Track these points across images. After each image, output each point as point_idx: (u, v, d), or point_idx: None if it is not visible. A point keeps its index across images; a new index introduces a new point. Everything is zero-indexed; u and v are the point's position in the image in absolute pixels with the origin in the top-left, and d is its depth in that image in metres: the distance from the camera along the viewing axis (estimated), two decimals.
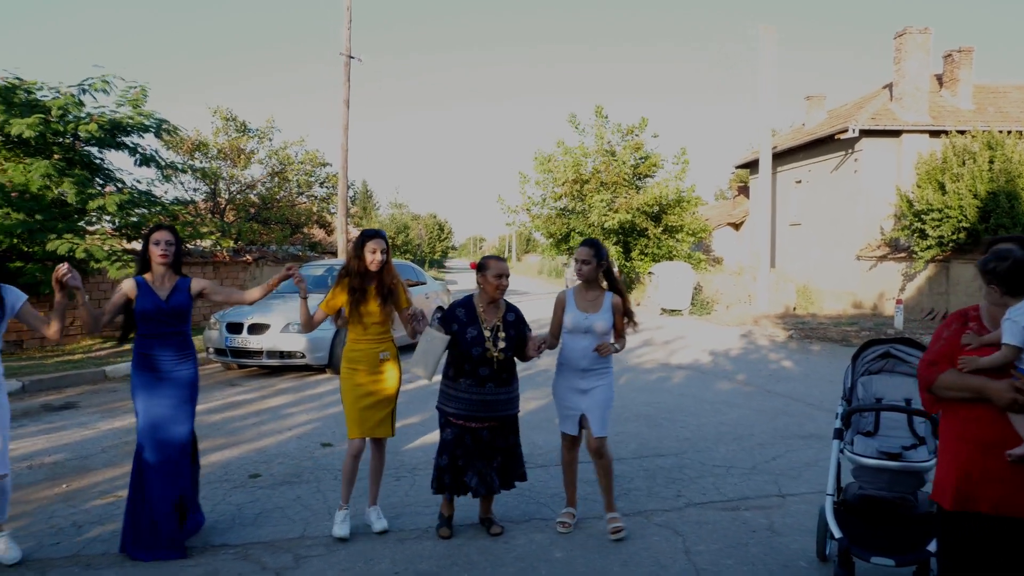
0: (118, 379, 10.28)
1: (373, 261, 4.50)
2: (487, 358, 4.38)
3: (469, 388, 4.40)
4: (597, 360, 4.56)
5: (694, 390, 9.58)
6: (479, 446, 4.46)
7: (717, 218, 36.20)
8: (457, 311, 4.50)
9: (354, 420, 4.56)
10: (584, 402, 4.58)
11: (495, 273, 4.44)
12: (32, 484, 5.58)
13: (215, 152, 20.12)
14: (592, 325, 4.54)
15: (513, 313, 4.58)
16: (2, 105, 10.89)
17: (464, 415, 4.41)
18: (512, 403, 4.55)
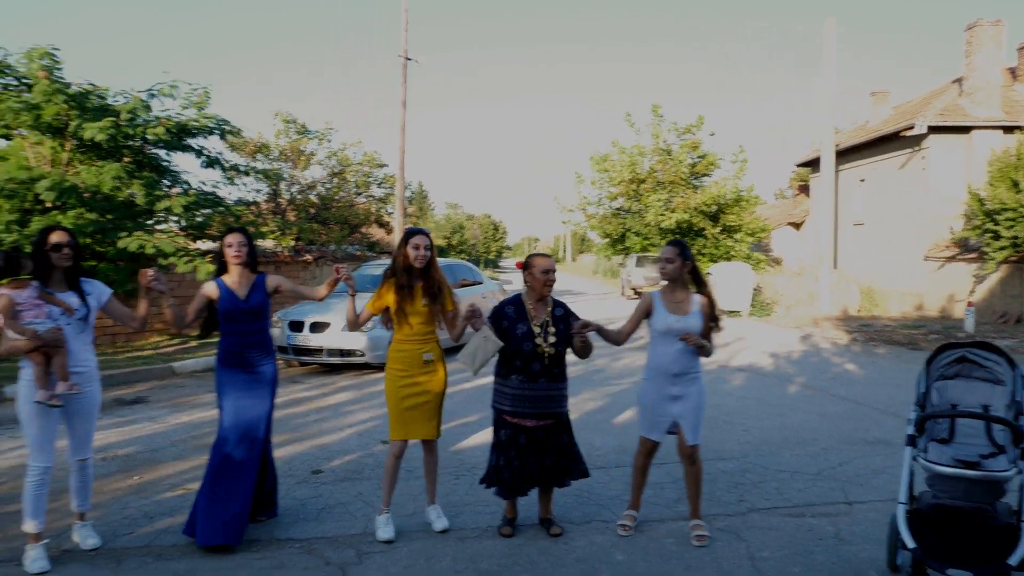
0: (184, 375, 10.58)
1: (417, 257, 4.48)
2: (538, 353, 4.37)
3: (521, 384, 4.38)
4: (689, 365, 4.46)
5: (755, 393, 9.40)
6: (534, 445, 4.43)
7: (777, 218, 35.53)
8: (506, 308, 4.51)
9: (397, 421, 4.56)
10: (677, 408, 4.48)
11: (541, 269, 4.44)
12: (106, 476, 5.77)
13: (276, 154, 20.56)
14: (684, 328, 4.42)
15: (561, 308, 4.55)
16: (76, 110, 11.29)
17: (519, 412, 4.38)
18: (564, 400, 4.53)
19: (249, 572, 4.08)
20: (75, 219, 10.94)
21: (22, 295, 4.01)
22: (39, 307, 4.04)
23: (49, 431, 4.12)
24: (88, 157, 12.29)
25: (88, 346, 4.27)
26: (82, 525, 4.41)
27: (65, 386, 4.06)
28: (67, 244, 4.12)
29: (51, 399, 4.03)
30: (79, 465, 4.35)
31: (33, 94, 11.07)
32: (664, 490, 5.52)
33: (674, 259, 4.47)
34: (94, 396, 4.33)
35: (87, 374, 4.24)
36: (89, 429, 4.36)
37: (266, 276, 4.70)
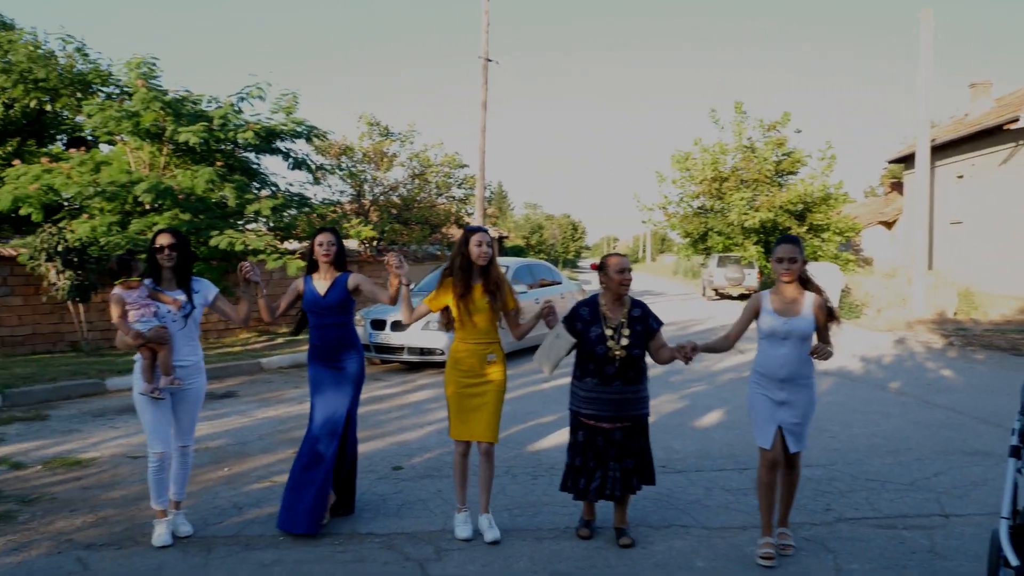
0: (272, 371, 10.93)
1: (480, 255, 4.41)
2: (610, 356, 4.25)
3: (596, 387, 4.30)
4: (799, 370, 4.21)
5: (842, 398, 9.07)
6: (611, 448, 4.34)
7: (867, 216, 34.23)
8: (581, 310, 4.42)
9: (457, 420, 4.56)
10: (782, 414, 4.24)
11: (616, 269, 4.33)
12: (199, 466, 5.99)
13: (360, 156, 21.03)
14: (792, 330, 4.18)
15: (639, 309, 4.41)
16: (172, 116, 11.82)
17: (595, 415, 4.31)
18: (641, 403, 4.40)
19: (331, 564, 4.17)
20: (170, 220, 11.46)
21: (132, 295, 4.27)
22: (147, 306, 4.30)
23: (162, 420, 4.37)
24: (183, 161, 12.86)
25: (193, 342, 4.50)
26: (176, 513, 4.60)
27: (167, 380, 4.31)
28: (168, 246, 4.37)
29: (153, 392, 4.27)
30: (180, 452, 4.56)
31: (133, 102, 11.66)
32: (748, 496, 5.38)
33: (797, 257, 4.21)
34: (198, 388, 4.57)
35: (191, 368, 4.47)
36: (192, 418, 4.60)
37: (349, 274, 4.81)
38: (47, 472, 5.79)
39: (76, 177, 11.60)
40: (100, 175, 11.80)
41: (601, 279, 4.42)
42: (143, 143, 12.39)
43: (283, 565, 4.16)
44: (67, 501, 5.11)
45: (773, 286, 4.40)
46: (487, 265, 4.46)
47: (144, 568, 4.10)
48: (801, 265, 4.26)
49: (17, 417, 7.59)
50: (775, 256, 4.27)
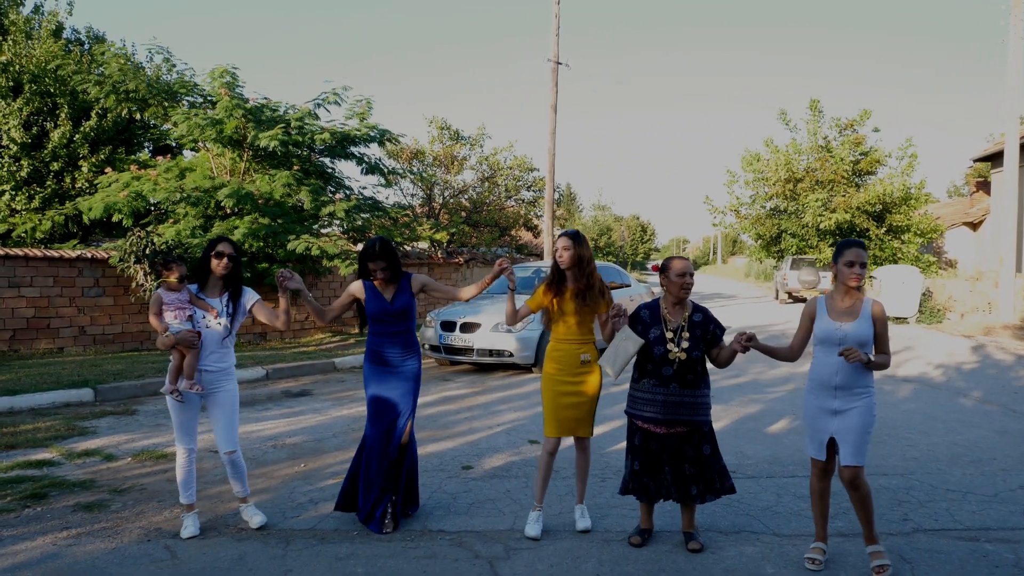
0: (345, 370, 11.21)
1: (561, 257, 4.58)
2: (669, 358, 4.25)
3: (652, 388, 4.30)
4: (854, 377, 4.05)
5: (923, 406, 8.78)
6: (666, 453, 4.32)
7: (951, 217, 32.90)
8: (642, 312, 4.47)
9: (552, 419, 4.64)
10: (835, 424, 4.09)
11: (677, 272, 4.33)
12: (277, 462, 6.23)
13: (431, 159, 21.36)
14: (847, 336, 4.04)
15: (700, 314, 4.40)
16: (253, 122, 12.25)
17: (649, 417, 4.30)
18: (700, 408, 4.32)
19: (404, 560, 4.28)
20: (250, 224, 11.88)
21: (171, 296, 4.45)
22: (183, 309, 4.46)
23: (188, 419, 4.57)
24: (262, 166, 13.30)
25: (226, 349, 4.61)
26: (246, 507, 4.81)
27: (187, 384, 4.44)
28: (228, 254, 4.53)
29: (172, 392, 4.43)
30: (228, 459, 4.67)
31: (216, 110, 12.13)
32: None
33: (865, 262, 4.11)
34: (229, 395, 4.62)
35: (218, 374, 4.56)
36: (230, 424, 4.63)
37: (411, 277, 4.86)
38: (136, 464, 6.10)
39: (162, 183, 12.15)
40: (185, 181, 12.33)
41: (662, 282, 4.44)
42: (224, 149, 12.89)
43: (357, 559, 4.29)
44: (155, 492, 5.38)
45: None
46: (577, 268, 4.59)
47: (227, 557, 4.29)
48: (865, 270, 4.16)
49: (108, 411, 7.99)
50: (845, 259, 4.12)
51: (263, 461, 6.24)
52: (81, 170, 15.24)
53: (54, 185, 15.11)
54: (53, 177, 15.19)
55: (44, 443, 6.63)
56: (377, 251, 4.67)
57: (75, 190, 15.15)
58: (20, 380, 8.92)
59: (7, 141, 14.58)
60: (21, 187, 14.85)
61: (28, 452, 6.35)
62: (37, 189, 15.00)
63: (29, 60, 14.82)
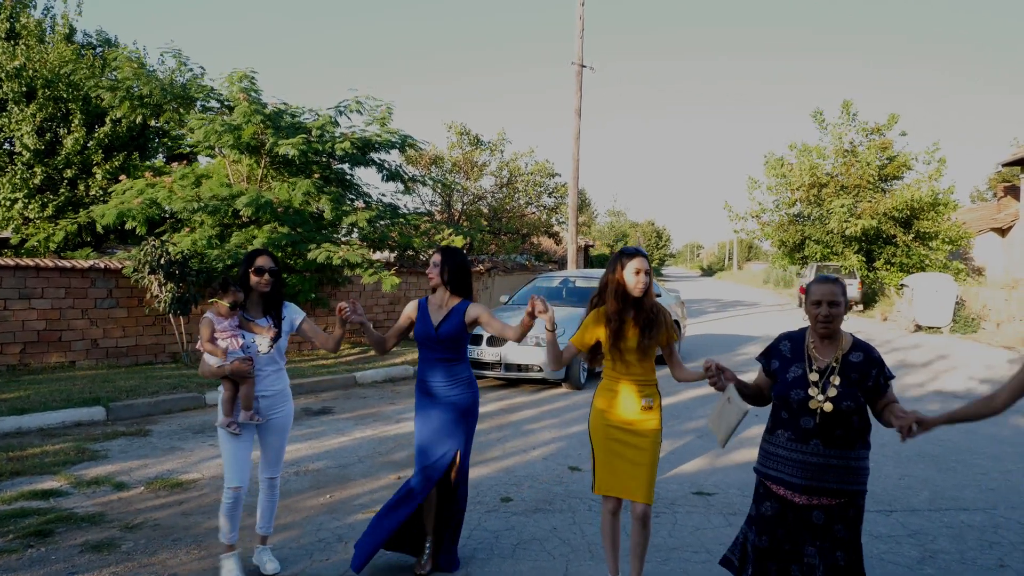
0: (366, 385, 10.76)
1: (636, 285, 3.74)
2: (810, 407, 3.18)
3: (788, 443, 3.24)
4: None
5: (984, 426, 8.19)
6: (810, 532, 3.21)
7: (977, 223, 32.18)
8: (781, 344, 3.44)
9: (604, 471, 3.87)
10: None
11: (812, 300, 3.28)
12: (300, 492, 5.77)
13: (450, 165, 20.95)
14: None
15: (860, 353, 3.25)
16: (271, 129, 11.85)
17: (785, 481, 3.23)
18: (853, 474, 3.17)
19: None
20: (269, 233, 11.47)
21: (223, 322, 4.04)
22: (235, 336, 4.05)
23: (242, 454, 4.12)
24: (280, 173, 12.91)
25: (278, 371, 4.24)
26: (262, 549, 4.36)
27: (246, 415, 4.07)
28: (269, 270, 4.11)
29: (230, 426, 4.06)
30: (268, 483, 4.34)
31: (234, 116, 11.74)
32: (901, 545, 4.78)
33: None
34: (284, 418, 4.29)
35: (274, 398, 4.21)
36: (279, 449, 4.33)
37: (468, 304, 4.27)
38: (150, 494, 5.66)
39: (178, 191, 11.76)
40: (201, 188, 11.94)
41: (806, 310, 3.38)
42: (242, 156, 12.49)
43: None
44: (170, 529, 4.93)
45: None
46: (646, 296, 3.81)
47: None
48: None
49: (120, 432, 7.57)
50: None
51: (285, 491, 5.77)
52: (95, 177, 14.90)
53: (67, 193, 14.77)
54: (66, 184, 14.85)
55: (52, 469, 6.20)
56: (438, 248, 4.36)
57: (88, 198, 14.80)
58: (29, 397, 8.51)
59: (20, 148, 14.25)
60: (34, 195, 14.52)
61: (35, 480, 5.92)
62: (50, 197, 14.66)
63: (43, 65, 14.49)
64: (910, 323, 20.33)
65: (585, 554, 4.59)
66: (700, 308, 27.71)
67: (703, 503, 5.58)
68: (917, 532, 5.02)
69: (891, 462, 6.77)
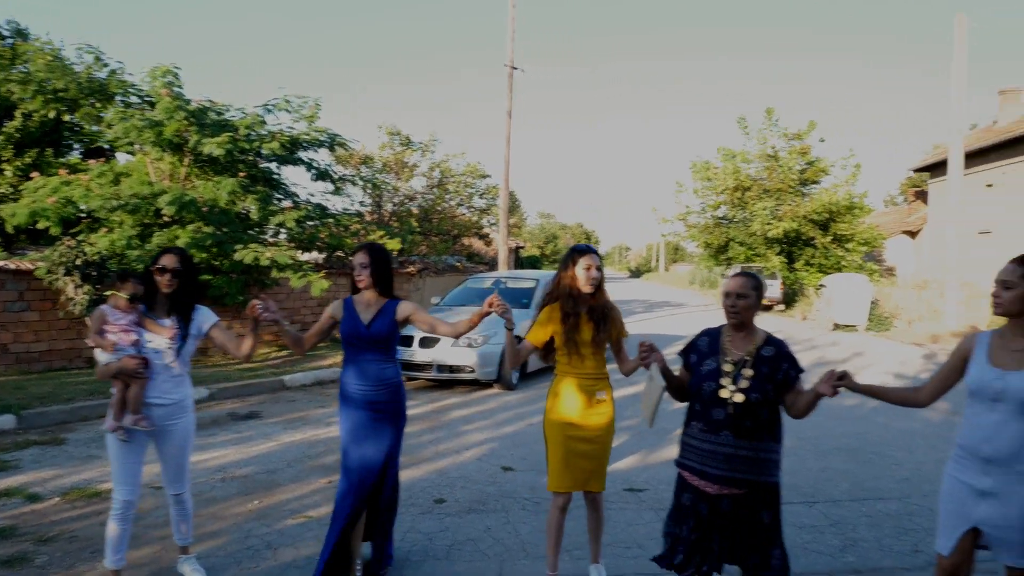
0: (295, 388, 10.55)
1: (587, 281, 3.86)
2: (720, 397, 3.30)
3: (701, 434, 3.36)
4: (1011, 449, 2.94)
5: (896, 420, 8.59)
6: (720, 518, 3.32)
7: (889, 226, 33.68)
8: (700, 340, 3.56)
9: (559, 470, 3.92)
10: (982, 511, 3.04)
11: (724, 291, 3.43)
12: (227, 498, 5.62)
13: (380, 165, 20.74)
14: (1007, 388, 2.95)
15: (773, 348, 3.37)
16: (195, 126, 11.51)
17: (699, 471, 3.34)
18: (763, 465, 3.28)
19: None
20: (193, 233, 11.14)
21: (118, 315, 3.78)
22: (129, 332, 3.78)
23: (131, 462, 3.85)
24: (205, 172, 12.55)
25: (179, 378, 3.94)
26: (186, 559, 4.19)
27: (132, 419, 3.76)
28: (172, 270, 3.83)
29: (116, 430, 3.77)
30: (174, 499, 4.10)
31: (156, 111, 11.35)
32: (824, 535, 4.95)
33: (1014, 283, 3.01)
34: (183, 430, 3.98)
35: (171, 407, 3.90)
36: (181, 464, 4.03)
37: (398, 302, 4.13)
38: (66, 505, 5.41)
39: (96, 189, 11.29)
40: (120, 187, 11.49)
41: None
42: (164, 154, 12.09)
43: None
44: (88, 540, 4.73)
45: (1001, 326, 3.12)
46: (599, 291, 3.94)
47: None
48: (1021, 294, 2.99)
49: (33, 441, 7.23)
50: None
51: (211, 498, 5.62)
52: (4, 174, 14.18)
53: None
54: None
55: None
56: (364, 246, 4.12)
57: None
58: None
59: None
60: None
61: None
62: None
63: None
64: (828, 322, 21.11)
65: (519, 553, 4.60)
66: (629, 308, 28.14)
67: (635, 499, 5.67)
68: (838, 522, 5.21)
69: (812, 455, 7.00)
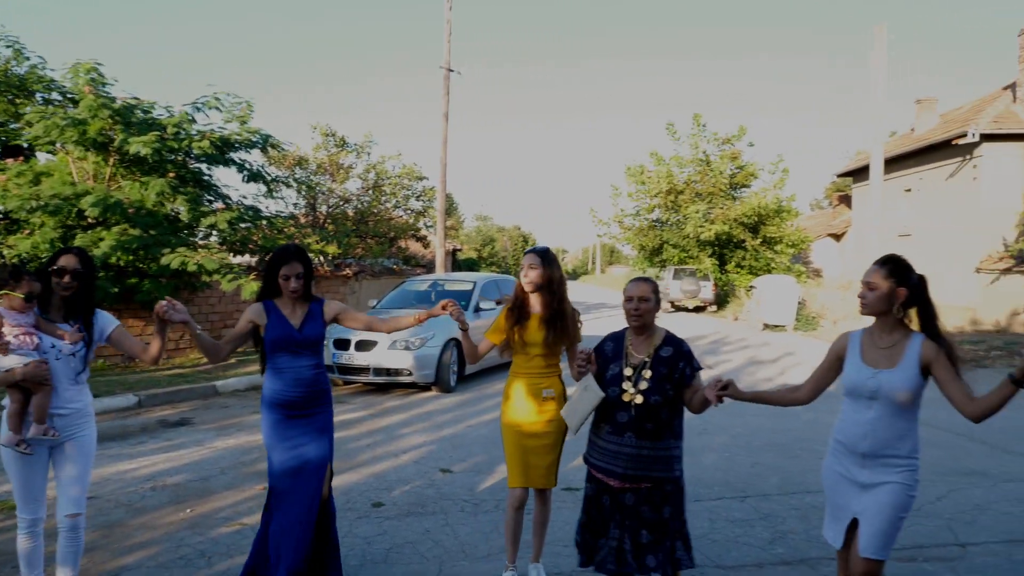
0: (227, 394, 10.33)
1: (525, 280, 4.02)
2: (623, 400, 3.43)
3: (608, 436, 3.50)
4: (889, 442, 3.05)
5: (823, 416, 8.87)
6: (620, 512, 3.48)
7: (815, 229, 34.84)
8: (606, 344, 3.67)
9: (515, 466, 4.03)
10: (859, 502, 3.13)
11: (625, 296, 3.57)
12: (158, 508, 5.47)
13: (314, 167, 20.45)
14: (880, 388, 3.06)
15: (671, 348, 3.52)
16: (121, 124, 11.16)
17: (602, 467, 3.51)
18: (664, 463, 3.43)
19: None
20: (118, 235, 10.80)
21: (15, 316, 3.47)
22: (30, 334, 3.47)
23: (36, 477, 3.56)
24: (131, 172, 12.17)
25: (80, 385, 3.65)
26: None
27: (38, 430, 3.46)
28: (72, 271, 3.53)
29: (19, 444, 3.45)
30: (69, 525, 3.58)
31: (79, 109, 10.97)
32: (754, 528, 5.11)
33: (877, 284, 3.13)
34: (86, 441, 3.65)
35: (73, 416, 3.59)
36: (82, 480, 3.63)
37: (324, 302, 4.01)
38: None
39: (14, 189, 10.83)
40: (41, 187, 11.05)
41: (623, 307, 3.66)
42: (88, 153, 11.68)
43: None
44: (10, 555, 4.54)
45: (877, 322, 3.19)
46: (547, 292, 4.02)
47: None
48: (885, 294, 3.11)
49: None
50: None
51: (142, 508, 5.47)
52: None
53: None
54: None
55: None
56: (293, 252, 3.85)
57: None
58: None
59: None
60: None
61: None
62: None
63: None
64: (758, 322, 21.69)
65: (459, 555, 4.62)
66: None
67: (572, 498, 5.74)
68: (768, 515, 5.39)
69: (744, 452, 7.21)
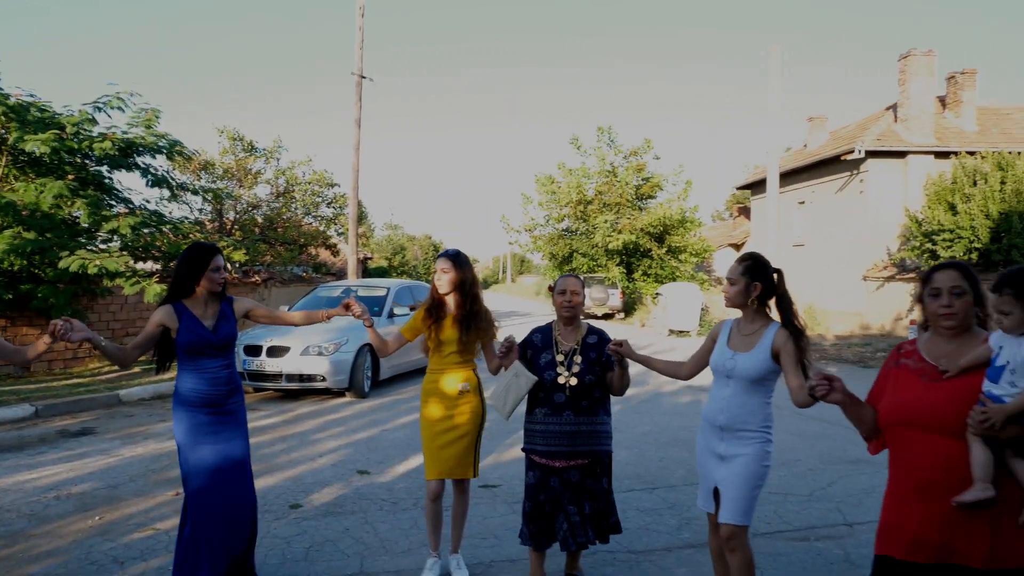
0: (132, 403, 10.00)
1: (437, 282, 4.20)
2: (559, 383, 3.86)
3: (546, 418, 3.89)
4: (742, 417, 3.37)
5: None
6: (570, 489, 3.88)
7: (717, 239, 36.29)
8: (534, 336, 4.08)
9: (431, 458, 4.19)
10: (719, 472, 3.42)
11: (558, 290, 3.97)
12: (63, 516, 5.31)
13: (221, 172, 19.94)
14: (735, 368, 3.39)
15: (595, 336, 3.99)
16: (16, 123, 10.69)
17: (546, 451, 3.87)
18: (599, 437, 3.92)
19: None
20: (11, 239, 10.32)
21: None
22: None
23: None
24: (26, 173, 11.65)
25: None
26: None
27: None
28: None
29: None
30: None
31: None
32: (662, 516, 5.38)
33: (737, 280, 3.46)
34: None
35: None
36: None
37: (233, 300, 3.99)
38: None
39: None
40: None
41: (553, 301, 4.05)
42: None
43: None
44: None
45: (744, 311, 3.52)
46: (459, 294, 4.19)
47: None
48: (742, 290, 3.44)
49: None
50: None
51: (45, 517, 5.29)
52: None
53: None
54: None
55: None
56: (213, 246, 3.84)
57: None
58: None
59: None
60: None
61: None
62: None
63: None
64: (664, 328, 22.41)
65: (379, 550, 4.69)
66: None
67: (489, 495, 5.88)
68: (675, 504, 5.67)
69: (652, 447, 7.53)
